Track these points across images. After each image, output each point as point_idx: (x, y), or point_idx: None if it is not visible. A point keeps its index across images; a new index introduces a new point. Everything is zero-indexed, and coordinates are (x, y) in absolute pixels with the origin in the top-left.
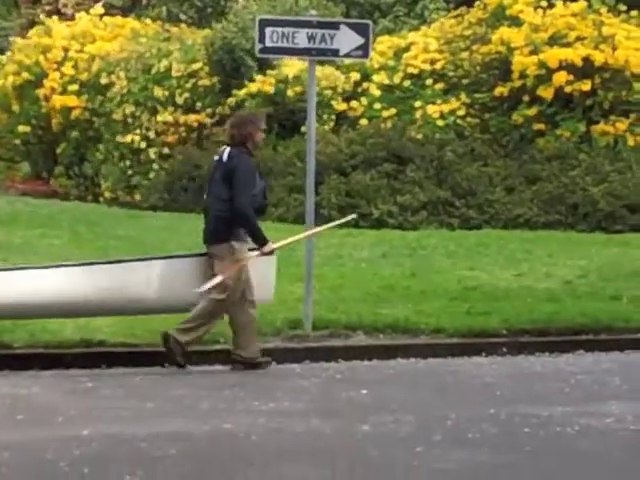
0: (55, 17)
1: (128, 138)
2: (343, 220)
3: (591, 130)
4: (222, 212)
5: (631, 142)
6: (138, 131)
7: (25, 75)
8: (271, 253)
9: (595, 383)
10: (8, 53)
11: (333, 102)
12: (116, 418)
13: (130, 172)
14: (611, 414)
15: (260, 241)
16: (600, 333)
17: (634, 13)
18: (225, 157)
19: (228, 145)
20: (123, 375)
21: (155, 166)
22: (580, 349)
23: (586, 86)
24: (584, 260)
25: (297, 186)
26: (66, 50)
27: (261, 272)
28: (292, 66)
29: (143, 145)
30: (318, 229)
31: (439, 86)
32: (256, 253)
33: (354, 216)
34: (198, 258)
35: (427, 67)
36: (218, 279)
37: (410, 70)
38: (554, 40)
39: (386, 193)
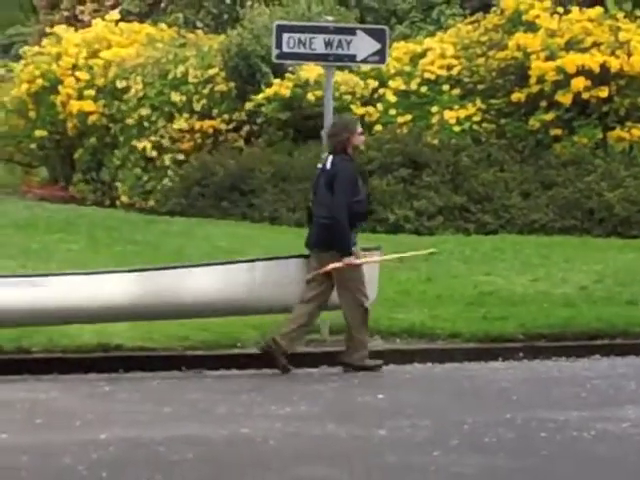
0: (64, 25)
1: (141, 145)
2: (424, 252)
3: (607, 136)
4: (326, 219)
5: None
6: (153, 137)
7: (40, 82)
8: (356, 266)
9: (611, 388)
10: (22, 61)
11: (352, 107)
12: (133, 422)
13: (145, 178)
14: (627, 419)
15: (344, 251)
16: (616, 338)
17: None
18: (328, 165)
19: (330, 153)
20: (140, 379)
21: (170, 172)
22: (596, 354)
23: (603, 93)
24: (600, 265)
25: None
26: (79, 55)
27: (369, 273)
28: (312, 70)
29: (154, 154)
30: (398, 255)
31: (455, 92)
32: (337, 264)
33: (434, 250)
34: (299, 260)
35: (444, 73)
36: (322, 270)
37: (427, 76)
38: (570, 45)
39: (402, 198)
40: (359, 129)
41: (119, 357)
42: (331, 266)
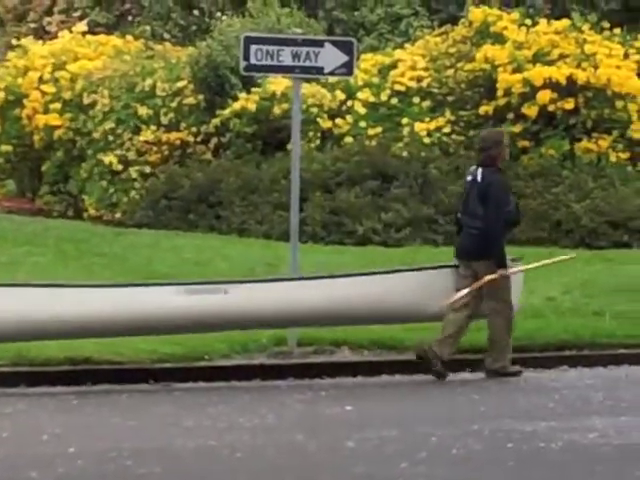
0: (31, 37)
1: (107, 159)
2: (565, 257)
3: (574, 148)
4: (478, 229)
5: (613, 159)
6: (118, 151)
7: (3, 95)
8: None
9: (579, 398)
10: None
11: (319, 120)
12: (101, 435)
13: (112, 190)
14: (594, 429)
15: (500, 262)
16: (583, 349)
17: (616, 31)
18: (479, 177)
19: (479, 166)
20: (108, 393)
21: (137, 185)
22: (564, 365)
23: (570, 105)
24: (567, 276)
25: (282, 203)
26: (45, 69)
27: (514, 283)
28: (279, 83)
29: (120, 167)
30: (541, 263)
31: (426, 103)
32: (492, 276)
33: (573, 255)
34: (446, 270)
35: (414, 84)
36: (463, 292)
37: (397, 87)
38: (537, 58)
39: (370, 210)
40: (507, 142)
41: (87, 370)
42: (487, 278)
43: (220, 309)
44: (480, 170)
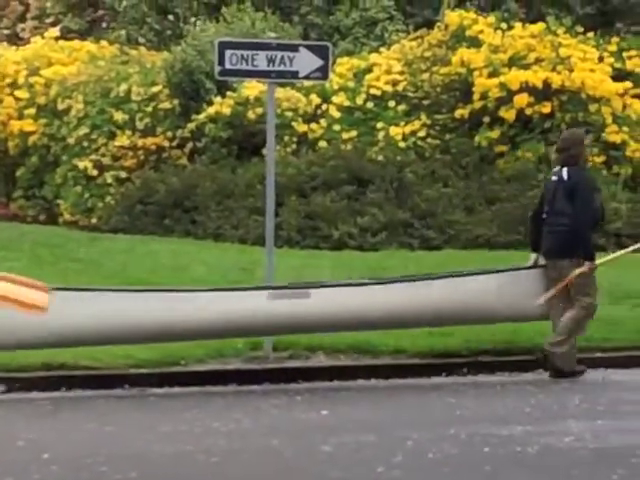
0: (5, 43)
1: (82, 164)
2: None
3: (550, 151)
4: (566, 227)
5: (589, 162)
6: (93, 156)
7: None
8: (593, 270)
9: (555, 402)
10: None
11: (294, 124)
12: (77, 441)
13: (87, 195)
14: (571, 433)
15: (590, 257)
16: None
17: (591, 35)
18: (565, 176)
19: (562, 166)
20: (84, 398)
21: (112, 190)
22: (539, 369)
23: (546, 108)
24: None
25: (257, 208)
26: (18, 74)
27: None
28: (253, 88)
29: (95, 173)
30: (614, 255)
31: (401, 107)
32: (582, 269)
33: None
34: (536, 270)
35: (389, 88)
36: (552, 291)
37: (373, 91)
38: (513, 61)
39: (346, 215)
40: (587, 141)
41: (63, 376)
42: (577, 271)
43: (304, 313)
44: (565, 170)
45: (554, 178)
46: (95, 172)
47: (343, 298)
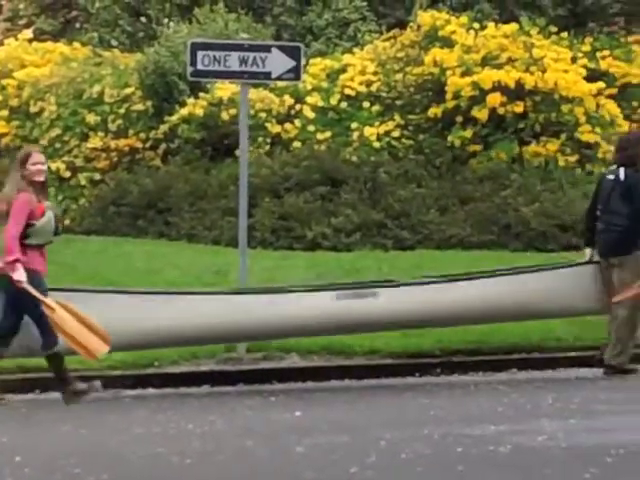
0: None
1: (54, 166)
2: None
3: (523, 151)
4: (623, 226)
5: (562, 162)
6: (66, 158)
7: None
8: None
9: (528, 402)
10: None
11: (268, 125)
12: (50, 444)
13: (60, 197)
14: (544, 432)
15: None
16: (532, 352)
17: (564, 35)
18: (622, 176)
19: (619, 165)
20: (58, 400)
21: (85, 191)
22: (513, 368)
23: (519, 108)
24: None
25: (230, 209)
26: None
27: None
28: (226, 89)
29: (68, 174)
30: None
31: (375, 108)
32: None
33: None
34: (583, 267)
35: (363, 89)
36: (634, 290)
37: (347, 92)
38: (486, 61)
39: (320, 215)
40: None
41: (37, 379)
42: None
43: (370, 312)
44: (622, 170)
45: (610, 177)
46: (68, 174)
47: (410, 297)
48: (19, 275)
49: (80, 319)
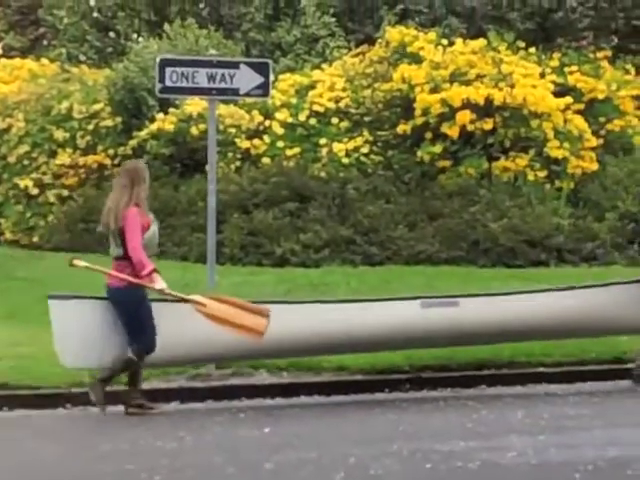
0: None
1: (22, 183)
2: None
3: (492, 167)
4: None
5: (531, 177)
6: (34, 174)
7: None
8: None
9: (497, 418)
10: None
11: (237, 140)
12: (18, 461)
13: (29, 214)
14: (513, 448)
15: None
16: (502, 368)
17: (532, 50)
18: None
19: None
20: (26, 417)
21: (54, 208)
22: (482, 384)
23: (488, 125)
24: None
25: (199, 225)
26: None
27: None
28: (196, 104)
29: (36, 191)
30: None
31: (344, 124)
32: None
33: None
34: None
35: (332, 105)
36: None
37: (315, 108)
38: (454, 77)
39: (289, 231)
40: None
41: (4, 396)
42: None
43: (453, 322)
44: None
45: None
46: (36, 191)
47: (490, 308)
48: (160, 284)
49: (232, 304)
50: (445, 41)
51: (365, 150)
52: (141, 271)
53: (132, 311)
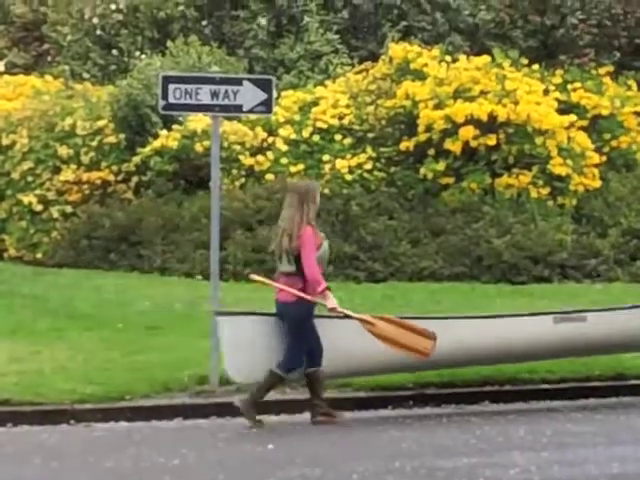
0: None
1: (26, 199)
2: None
3: (495, 183)
4: None
5: (534, 194)
6: (38, 191)
7: None
8: None
9: (500, 434)
10: None
11: (241, 157)
12: (21, 477)
13: (32, 230)
14: (516, 465)
15: None
16: (505, 384)
17: (535, 67)
18: None
19: None
20: (29, 433)
21: (58, 225)
22: (485, 400)
23: (491, 141)
24: (489, 311)
25: (203, 242)
26: None
27: None
28: (200, 121)
29: (40, 208)
30: None
31: (347, 141)
32: None
33: None
34: None
35: (335, 122)
36: None
37: (319, 125)
38: (458, 94)
39: None
40: None
41: (7, 412)
42: None
43: (583, 336)
44: None
45: None
46: (40, 207)
47: (617, 321)
48: (332, 303)
49: (399, 324)
50: (449, 58)
51: (368, 166)
52: (316, 288)
53: (297, 326)
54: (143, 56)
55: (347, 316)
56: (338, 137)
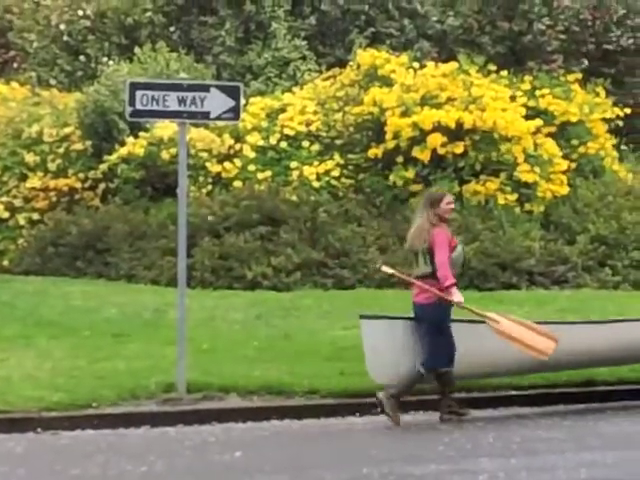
0: None
1: None
2: None
3: (463, 190)
4: None
5: (502, 201)
6: (4, 198)
7: None
8: None
9: (469, 441)
10: None
11: (208, 164)
12: None
13: None
14: (484, 471)
15: None
16: (473, 391)
17: (503, 73)
18: None
19: None
20: None
21: (24, 232)
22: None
23: (459, 148)
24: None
25: (170, 249)
26: None
27: None
28: (167, 128)
29: (6, 215)
30: None
31: (315, 147)
32: None
33: None
34: None
35: (303, 129)
36: None
37: (286, 131)
38: (425, 101)
39: (260, 255)
40: None
41: None
42: None
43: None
44: None
45: None
46: (7, 214)
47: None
48: (458, 297)
49: (523, 324)
50: (416, 64)
51: (336, 173)
52: (444, 283)
53: (436, 326)
54: (111, 62)
55: (478, 314)
56: (306, 144)
